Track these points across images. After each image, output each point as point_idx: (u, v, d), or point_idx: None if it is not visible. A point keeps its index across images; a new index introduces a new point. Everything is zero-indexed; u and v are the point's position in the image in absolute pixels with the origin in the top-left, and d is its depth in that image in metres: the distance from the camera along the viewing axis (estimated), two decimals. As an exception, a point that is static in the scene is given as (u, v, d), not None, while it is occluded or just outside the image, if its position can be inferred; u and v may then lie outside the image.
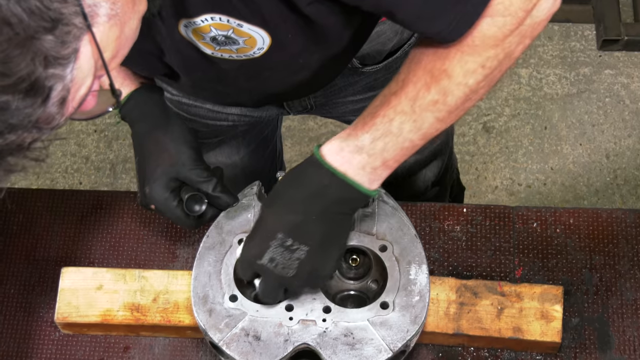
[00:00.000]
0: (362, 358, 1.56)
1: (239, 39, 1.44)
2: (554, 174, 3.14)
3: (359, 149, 1.46)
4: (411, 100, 1.44)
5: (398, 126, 1.45)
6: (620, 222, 1.86)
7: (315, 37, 1.48)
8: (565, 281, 1.81)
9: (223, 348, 1.58)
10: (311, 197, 1.48)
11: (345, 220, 1.54)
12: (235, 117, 1.96)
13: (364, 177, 1.47)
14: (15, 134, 1.03)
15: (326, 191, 1.47)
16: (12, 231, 1.90)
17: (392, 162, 1.48)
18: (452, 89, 1.42)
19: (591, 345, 1.77)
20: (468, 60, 1.40)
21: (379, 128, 1.45)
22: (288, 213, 1.49)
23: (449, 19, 1.34)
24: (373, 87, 1.89)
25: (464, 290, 1.74)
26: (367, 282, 1.67)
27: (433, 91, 1.43)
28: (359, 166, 1.47)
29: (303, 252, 1.49)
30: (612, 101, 3.24)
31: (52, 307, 1.80)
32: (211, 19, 1.39)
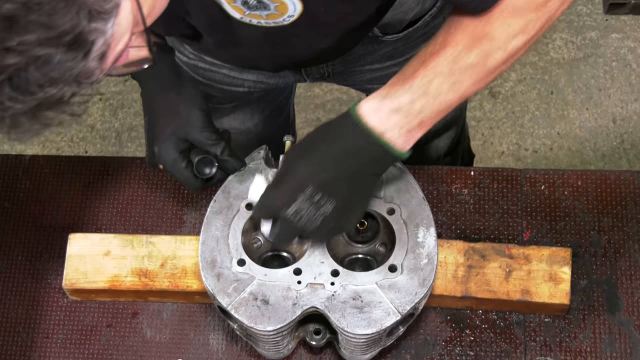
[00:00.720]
0: (370, 321, 1.56)
1: (270, 4, 1.44)
2: (560, 138, 3.13)
3: (397, 109, 1.45)
4: (451, 62, 1.42)
5: (436, 87, 1.44)
6: (629, 184, 1.85)
7: (345, 7, 1.48)
8: (574, 243, 1.81)
9: (232, 312, 1.58)
10: (346, 155, 1.47)
11: (375, 180, 1.54)
12: (251, 84, 1.94)
13: (400, 139, 1.46)
14: (55, 88, 1.03)
15: (361, 151, 1.47)
16: (19, 198, 1.90)
17: (428, 124, 1.47)
18: (492, 52, 1.42)
19: (599, 307, 1.77)
20: (510, 24, 1.40)
21: (418, 88, 1.44)
22: (321, 168, 1.48)
23: None
24: (392, 56, 1.88)
25: (472, 253, 1.74)
26: (375, 246, 1.66)
27: (474, 54, 1.42)
28: (396, 127, 1.46)
29: (329, 208, 1.49)
30: (619, 65, 3.23)
31: (60, 273, 1.80)
32: None
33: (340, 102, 3.19)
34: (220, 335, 1.78)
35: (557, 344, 1.74)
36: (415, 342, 1.76)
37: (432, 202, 1.84)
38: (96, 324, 1.80)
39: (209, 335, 1.78)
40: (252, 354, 1.76)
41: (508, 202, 1.84)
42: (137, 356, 1.77)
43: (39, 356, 1.78)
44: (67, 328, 1.80)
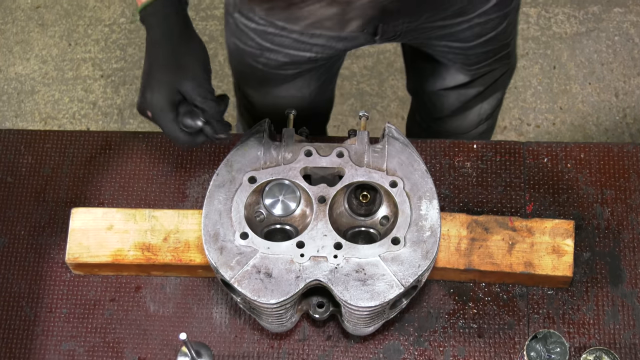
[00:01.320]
0: (373, 294, 1.56)
1: None
2: (563, 113, 3.13)
3: None
4: None
5: None
6: (632, 157, 1.85)
7: None
8: (577, 216, 1.81)
9: (235, 285, 1.58)
10: None
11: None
12: (319, 49, 1.92)
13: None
14: None
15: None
16: (22, 173, 1.90)
17: None
18: None
19: (602, 279, 1.77)
20: None
21: None
22: None
23: None
24: (463, 12, 1.86)
25: (474, 226, 1.74)
26: (378, 218, 1.66)
27: None
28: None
29: None
30: (621, 40, 3.22)
31: (63, 248, 1.80)
32: None
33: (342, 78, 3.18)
34: (223, 309, 1.78)
35: (560, 316, 1.74)
36: (419, 315, 1.76)
37: (435, 175, 1.84)
38: (99, 298, 1.80)
39: (212, 309, 1.78)
40: (256, 327, 1.76)
41: (511, 175, 1.84)
42: (140, 330, 1.78)
43: (43, 330, 1.78)
44: (71, 302, 1.80)
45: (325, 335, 1.76)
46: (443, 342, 1.74)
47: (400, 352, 1.74)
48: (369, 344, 1.75)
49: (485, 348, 1.73)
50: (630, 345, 1.73)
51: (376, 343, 1.75)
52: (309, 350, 1.75)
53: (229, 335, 1.77)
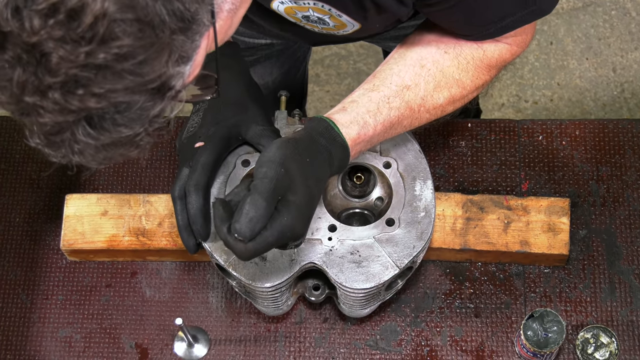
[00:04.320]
0: (368, 275, 1.56)
1: (330, 22, 1.44)
2: (560, 89, 3.12)
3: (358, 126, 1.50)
4: (420, 100, 1.52)
5: (398, 122, 1.52)
6: (627, 133, 1.84)
7: (394, 22, 1.50)
8: (572, 193, 1.80)
9: (229, 270, 1.57)
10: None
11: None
12: (269, 35, 1.92)
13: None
14: (131, 129, 1.03)
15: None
16: (15, 159, 1.89)
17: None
18: (457, 99, 1.55)
19: (599, 256, 1.76)
20: (480, 77, 1.54)
21: (382, 122, 1.51)
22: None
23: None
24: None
25: (470, 206, 1.73)
26: (372, 200, 1.66)
27: (443, 95, 1.52)
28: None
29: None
30: (618, 14, 3.20)
31: (58, 234, 1.79)
32: (313, 4, 1.39)
33: (339, 57, 3.17)
34: (219, 293, 1.78)
35: (557, 295, 1.74)
36: (415, 295, 1.76)
37: (429, 154, 1.83)
38: (95, 284, 1.80)
39: (208, 293, 1.78)
40: (252, 310, 1.76)
41: (506, 154, 1.83)
42: (137, 315, 1.78)
43: (39, 317, 1.78)
44: (67, 289, 1.80)
45: (322, 318, 1.76)
46: (440, 322, 1.74)
47: (397, 333, 1.74)
48: (366, 326, 1.75)
49: (482, 328, 1.73)
50: (628, 323, 1.72)
51: (373, 324, 1.75)
52: (305, 332, 1.75)
53: (225, 319, 1.76)
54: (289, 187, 1.35)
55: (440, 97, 1.51)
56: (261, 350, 1.74)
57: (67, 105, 0.97)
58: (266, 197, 1.32)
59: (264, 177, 1.34)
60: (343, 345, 1.74)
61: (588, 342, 1.68)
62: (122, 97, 0.99)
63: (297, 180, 1.36)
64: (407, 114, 1.50)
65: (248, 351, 1.74)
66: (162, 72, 1.00)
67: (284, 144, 1.38)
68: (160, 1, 0.97)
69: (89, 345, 1.76)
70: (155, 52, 0.98)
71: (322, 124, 1.44)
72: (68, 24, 0.93)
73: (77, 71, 0.95)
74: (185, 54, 1.03)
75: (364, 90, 1.49)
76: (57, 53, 0.94)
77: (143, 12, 0.96)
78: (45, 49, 0.94)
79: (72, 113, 0.98)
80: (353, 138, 1.45)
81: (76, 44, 0.94)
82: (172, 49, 1.00)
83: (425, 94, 1.50)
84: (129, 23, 0.95)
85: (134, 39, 0.96)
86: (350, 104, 1.48)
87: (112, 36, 0.95)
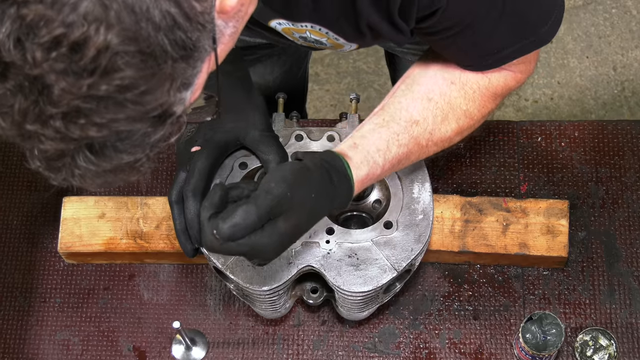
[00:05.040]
0: (366, 279, 1.55)
1: (328, 44, 1.44)
2: (560, 88, 3.11)
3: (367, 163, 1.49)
4: (428, 134, 1.51)
5: (407, 158, 1.52)
6: (626, 134, 1.83)
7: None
8: (571, 195, 1.80)
9: (227, 273, 1.57)
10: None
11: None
12: (269, 35, 1.91)
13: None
14: (132, 156, 1.03)
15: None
16: (13, 162, 1.89)
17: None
18: (465, 130, 1.54)
19: (598, 258, 1.76)
20: (486, 106, 1.53)
21: (390, 157, 1.50)
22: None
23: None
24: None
25: (468, 208, 1.73)
26: (370, 202, 1.65)
27: (451, 128, 1.52)
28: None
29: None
30: (619, 12, 3.19)
31: (56, 237, 1.79)
32: (311, 27, 1.39)
33: (339, 56, 3.16)
34: (217, 296, 1.77)
35: (555, 297, 1.74)
36: (414, 298, 1.75)
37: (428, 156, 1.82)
38: (93, 287, 1.80)
39: (206, 295, 1.77)
40: (250, 313, 1.75)
41: (504, 155, 1.83)
42: (134, 318, 1.77)
43: (37, 320, 1.77)
44: (64, 292, 1.79)
45: (320, 320, 1.75)
46: (438, 324, 1.74)
47: (396, 335, 1.73)
48: (364, 328, 1.74)
49: (480, 330, 1.73)
50: (627, 325, 1.72)
51: (371, 327, 1.74)
52: (304, 335, 1.75)
53: (223, 321, 1.76)
54: (284, 213, 1.34)
55: (448, 129, 1.51)
56: (259, 353, 1.74)
57: (68, 133, 0.97)
58: (260, 212, 1.32)
59: (268, 192, 1.33)
60: (341, 348, 1.74)
61: (587, 344, 1.68)
62: (123, 126, 0.99)
63: (295, 209, 1.36)
64: (415, 150, 1.50)
65: (246, 354, 1.74)
66: (164, 100, 1.00)
67: (299, 170, 1.38)
68: (162, 32, 0.96)
69: (86, 348, 1.76)
70: (157, 82, 0.98)
71: (338, 162, 1.44)
72: (70, 57, 0.93)
73: (79, 102, 0.95)
74: (187, 81, 1.03)
75: (374, 125, 1.49)
76: (59, 85, 0.94)
77: (145, 43, 0.96)
78: (47, 81, 0.94)
79: (73, 141, 0.98)
80: (361, 179, 1.45)
81: (78, 76, 0.94)
82: (174, 78, 1.00)
83: (434, 127, 1.50)
84: (131, 55, 0.95)
85: (136, 70, 0.96)
86: (361, 139, 1.48)
87: (114, 68, 0.95)
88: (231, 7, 1.06)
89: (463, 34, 1.38)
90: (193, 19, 0.99)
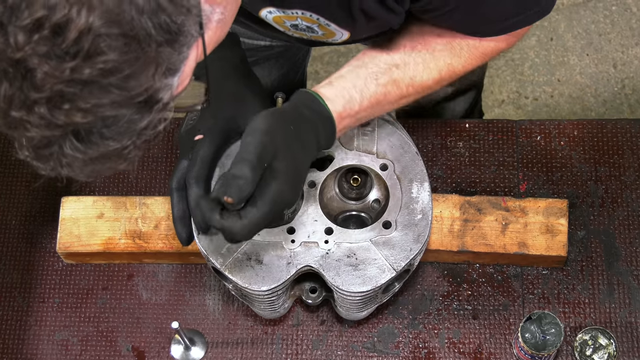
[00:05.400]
0: (365, 279, 1.55)
1: (319, 31, 1.44)
2: (560, 85, 3.10)
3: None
4: (409, 79, 1.52)
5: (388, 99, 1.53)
6: (625, 133, 1.83)
7: (384, 30, 1.50)
8: (570, 194, 1.79)
9: (225, 273, 1.57)
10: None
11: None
12: (270, 36, 1.91)
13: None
14: (119, 142, 1.03)
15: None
16: (11, 162, 1.89)
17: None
18: (453, 76, 1.56)
19: (597, 257, 1.75)
20: (473, 64, 1.55)
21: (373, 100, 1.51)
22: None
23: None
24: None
25: (467, 207, 1.72)
26: (368, 202, 1.65)
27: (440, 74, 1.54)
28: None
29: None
30: (619, 9, 3.19)
31: (54, 237, 1.79)
32: (302, 13, 1.39)
33: (339, 54, 3.16)
34: (216, 296, 1.77)
35: (555, 296, 1.73)
36: (413, 297, 1.75)
37: (427, 156, 1.82)
38: (92, 287, 1.79)
39: (205, 295, 1.77)
40: (249, 313, 1.75)
41: (504, 154, 1.82)
42: (133, 318, 1.77)
43: (35, 320, 1.77)
44: (63, 292, 1.79)
45: (319, 320, 1.75)
46: (437, 324, 1.73)
47: (395, 335, 1.73)
48: (363, 328, 1.74)
49: (480, 329, 1.72)
50: (626, 324, 1.71)
51: (370, 327, 1.74)
52: (303, 335, 1.74)
53: (222, 321, 1.76)
54: (274, 155, 1.35)
55: (429, 77, 1.51)
56: (258, 353, 1.74)
57: (53, 120, 0.97)
58: (251, 164, 1.32)
59: (248, 144, 1.34)
60: (340, 348, 1.73)
61: (586, 343, 1.67)
62: (108, 112, 0.98)
63: (282, 147, 1.36)
64: (394, 92, 1.50)
65: (245, 354, 1.74)
66: (149, 85, 0.99)
67: (269, 114, 1.39)
68: (146, 15, 0.96)
69: (85, 348, 1.75)
70: (141, 66, 0.97)
71: (307, 96, 1.44)
72: (53, 40, 0.93)
73: (63, 87, 0.95)
74: (172, 66, 1.02)
75: (352, 66, 1.50)
76: (42, 69, 0.93)
77: (129, 26, 0.95)
78: (29, 64, 0.93)
79: (58, 127, 0.98)
80: (339, 112, 1.45)
81: (61, 59, 0.93)
82: (158, 62, 0.99)
83: (415, 73, 1.50)
84: (114, 38, 0.94)
85: (120, 54, 0.95)
86: (337, 78, 1.49)
87: (97, 51, 0.94)
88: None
89: (465, 6, 1.38)
90: (178, 2, 0.98)
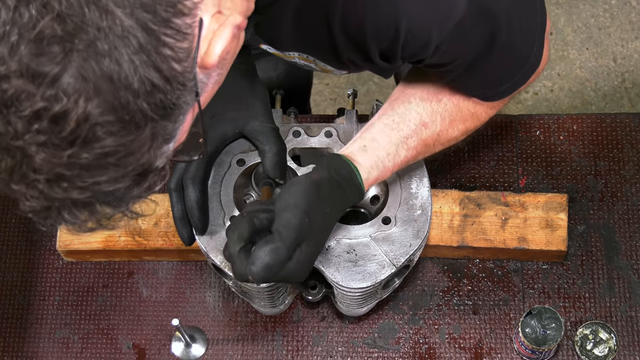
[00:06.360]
0: (365, 275, 1.55)
1: (318, 68, 1.46)
2: (560, 80, 3.10)
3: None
4: (435, 136, 1.54)
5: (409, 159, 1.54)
6: (625, 127, 1.83)
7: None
8: (570, 188, 1.79)
9: (226, 270, 1.56)
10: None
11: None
12: None
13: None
14: (114, 210, 1.03)
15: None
16: (11, 160, 1.89)
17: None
18: (469, 130, 1.58)
19: (597, 252, 1.75)
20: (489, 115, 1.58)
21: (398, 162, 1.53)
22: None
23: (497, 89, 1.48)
24: None
25: (467, 202, 1.72)
26: (368, 198, 1.65)
27: (457, 129, 1.55)
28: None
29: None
30: (619, 3, 3.19)
31: (54, 235, 1.79)
32: (298, 54, 1.40)
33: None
34: (216, 293, 1.77)
35: (555, 291, 1.73)
36: (413, 293, 1.75)
37: (426, 151, 1.82)
38: (92, 284, 1.79)
39: (206, 292, 1.77)
40: (249, 310, 1.75)
41: (503, 149, 1.82)
42: (134, 316, 1.77)
43: (36, 318, 1.77)
44: (64, 289, 1.79)
45: (320, 316, 1.75)
46: (438, 319, 1.73)
47: (395, 330, 1.73)
48: (364, 324, 1.74)
49: (480, 325, 1.72)
50: (627, 318, 1.71)
51: (371, 322, 1.74)
52: (303, 331, 1.74)
53: (222, 318, 1.76)
54: (306, 238, 1.35)
55: (455, 130, 1.52)
56: (259, 349, 1.74)
57: (52, 194, 0.98)
58: (288, 247, 1.33)
59: (288, 224, 1.33)
60: (341, 344, 1.73)
61: (587, 338, 1.67)
62: (105, 187, 0.99)
63: (315, 231, 1.37)
64: (422, 151, 1.52)
65: (246, 350, 1.74)
66: (145, 160, 1.00)
67: (309, 189, 1.38)
68: (142, 97, 0.96)
69: (86, 346, 1.76)
70: (137, 145, 0.98)
71: (345, 167, 1.44)
72: (51, 130, 0.94)
73: (61, 169, 0.96)
74: (168, 136, 1.02)
75: (384, 126, 1.50)
76: (40, 156, 0.95)
77: (125, 111, 0.95)
78: (28, 151, 0.94)
79: (57, 200, 0.99)
80: (370, 183, 1.47)
81: (59, 147, 0.95)
82: (155, 137, 1.00)
83: (442, 129, 1.51)
84: (111, 124, 0.95)
85: (117, 138, 0.96)
86: (371, 142, 1.48)
87: (94, 138, 0.95)
88: (213, 63, 1.04)
89: (457, 70, 1.40)
90: (173, 80, 0.98)
